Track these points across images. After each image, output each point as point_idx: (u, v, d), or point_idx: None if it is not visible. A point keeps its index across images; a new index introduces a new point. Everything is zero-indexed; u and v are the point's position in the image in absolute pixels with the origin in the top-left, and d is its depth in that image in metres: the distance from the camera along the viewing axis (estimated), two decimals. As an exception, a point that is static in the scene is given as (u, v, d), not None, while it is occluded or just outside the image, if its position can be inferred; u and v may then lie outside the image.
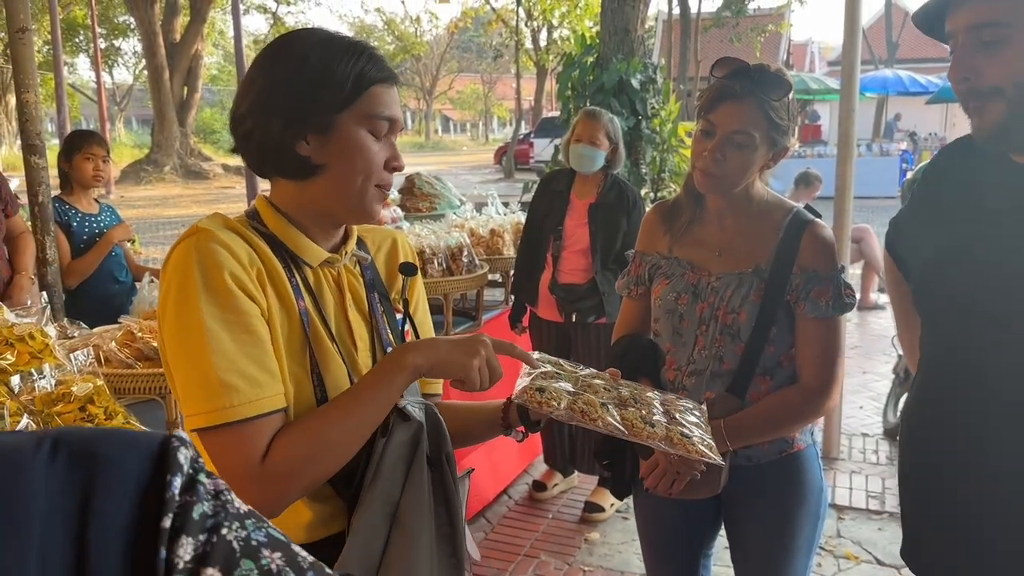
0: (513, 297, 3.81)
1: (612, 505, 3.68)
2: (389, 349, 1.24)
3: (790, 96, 1.66)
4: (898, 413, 4.58)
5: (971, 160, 1.40)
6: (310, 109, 1.12)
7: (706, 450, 1.17)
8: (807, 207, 1.81)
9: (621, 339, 1.91)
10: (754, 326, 1.70)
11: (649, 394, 1.30)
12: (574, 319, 3.58)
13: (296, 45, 1.15)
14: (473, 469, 1.39)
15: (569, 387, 1.19)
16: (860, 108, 4.16)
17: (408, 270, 1.34)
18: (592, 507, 3.65)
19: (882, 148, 16.98)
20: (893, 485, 3.93)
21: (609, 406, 1.17)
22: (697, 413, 1.32)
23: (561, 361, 1.33)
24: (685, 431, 1.18)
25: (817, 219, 1.74)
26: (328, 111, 1.12)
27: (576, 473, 3.97)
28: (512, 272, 3.83)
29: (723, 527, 1.94)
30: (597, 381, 1.26)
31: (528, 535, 3.53)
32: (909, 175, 4.73)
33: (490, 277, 3.77)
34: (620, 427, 1.13)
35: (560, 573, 3.20)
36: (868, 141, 17.64)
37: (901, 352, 4.66)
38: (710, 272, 1.76)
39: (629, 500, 3.75)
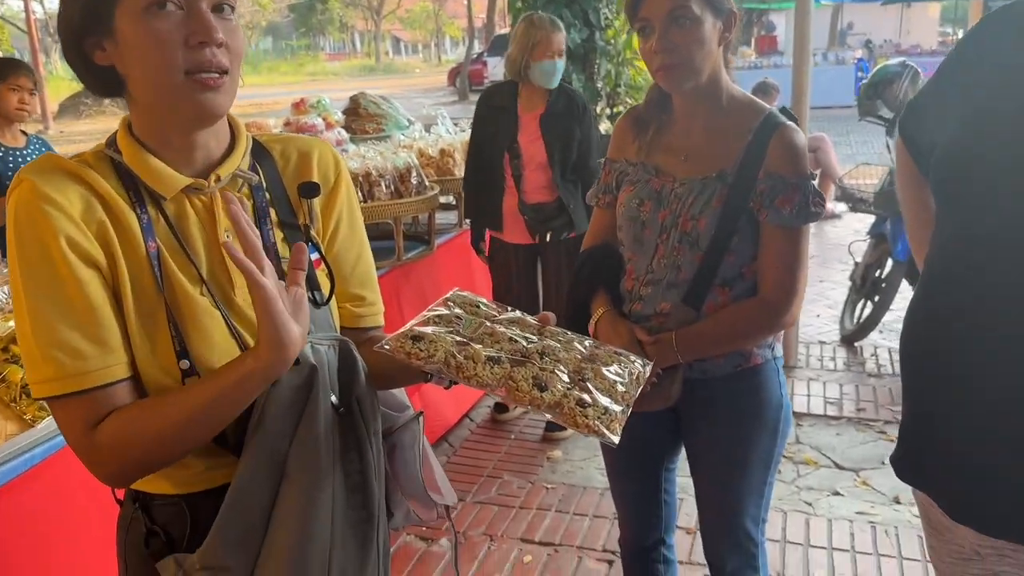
0: (469, 221, 3.69)
1: (574, 423, 3.68)
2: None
3: None
4: (855, 320, 4.63)
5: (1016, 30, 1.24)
6: (83, 11, 0.98)
7: (599, 425, 1.02)
8: (783, 110, 1.72)
9: (583, 251, 1.86)
10: (713, 234, 1.63)
11: (573, 350, 1.13)
12: (548, 238, 3.48)
13: None
14: (422, 412, 1.26)
15: (460, 336, 1.06)
16: (815, 16, 4.06)
17: (308, 191, 1.13)
18: (553, 426, 3.64)
19: (837, 56, 16.89)
20: (851, 391, 3.99)
21: (499, 361, 1.03)
22: (627, 371, 1.15)
23: (480, 303, 1.18)
24: (586, 397, 1.04)
25: (790, 123, 1.66)
26: (101, 7, 0.97)
27: (538, 393, 3.95)
28: (463, 195, 3.70)
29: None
30: (506, 329, 1.11)
31: (491, 456, 3.53)
32: (864, 83, 4.68)
33: (442, 199, 3.64)
34: (498, 387, 1.01)
35: (523, 491, 3.21)
36: (823, 50, 17.51)
37: (858, 260, 4.70)
38: (675, 178, 1.69)
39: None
